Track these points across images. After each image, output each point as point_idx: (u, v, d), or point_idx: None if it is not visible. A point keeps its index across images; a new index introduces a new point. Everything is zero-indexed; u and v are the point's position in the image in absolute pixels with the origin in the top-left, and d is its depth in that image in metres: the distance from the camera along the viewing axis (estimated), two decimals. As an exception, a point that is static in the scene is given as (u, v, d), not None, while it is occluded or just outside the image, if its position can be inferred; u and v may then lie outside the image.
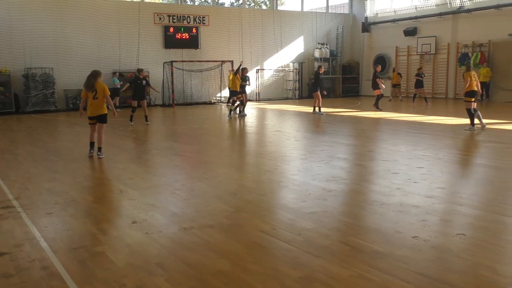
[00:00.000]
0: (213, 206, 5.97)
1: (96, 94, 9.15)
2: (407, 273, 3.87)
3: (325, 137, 12.21)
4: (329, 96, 28.14)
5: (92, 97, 9.17)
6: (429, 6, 25.37)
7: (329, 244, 4.56)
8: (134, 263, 4.21)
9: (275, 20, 26.99)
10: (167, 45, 24.01)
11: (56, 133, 14.11)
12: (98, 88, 9.17)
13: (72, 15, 21.56)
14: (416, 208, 5.63)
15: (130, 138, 12.78)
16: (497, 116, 15.89)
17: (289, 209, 5.80)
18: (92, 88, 9.14)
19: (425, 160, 8.59)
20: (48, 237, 4.90)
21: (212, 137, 13.04)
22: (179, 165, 9.04)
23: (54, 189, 6.96)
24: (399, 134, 12.45)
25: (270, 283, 3.78)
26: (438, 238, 4.67)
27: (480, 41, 22.93)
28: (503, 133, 11.99)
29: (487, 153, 9.67)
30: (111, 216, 5.80)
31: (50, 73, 20.72)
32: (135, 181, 7.42)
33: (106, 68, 22.18)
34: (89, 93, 9.18)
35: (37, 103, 20.28)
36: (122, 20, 22.81)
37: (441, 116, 16.15)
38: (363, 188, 6.98)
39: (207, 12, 25.12)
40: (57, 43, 21.28)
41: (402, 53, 26.94)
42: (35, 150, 10.70)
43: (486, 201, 6.13)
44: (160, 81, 23.47)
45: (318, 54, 27.59)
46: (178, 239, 4.79)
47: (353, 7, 29.81)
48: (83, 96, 9.47)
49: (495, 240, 4.60)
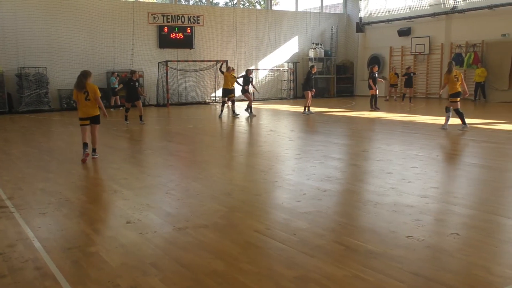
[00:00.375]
0: (208, 206, 5.97)
1: (88, 96, 8.97)
2: (401, 272, 3.88)
3: (319, 137, 12.22)
4: (323, 96, 28.26)
5: (84, 99, 8.97)
6: (423, 6, 25.46)
7: (323, 244, 4.57)
8: (128, 263, 4.20)
9: (270, 20, 27.00)
10: (162, 45, 23.96)
11: (50, 133, 14.04)
12: (89, 89, 8.98)
13: (65, 15, 21.46)
14: (410, 208, 5.65)
15: (124, 138, 12.74)
16: (490, 116, 15.96)
17: (283, 209, 5.80)
18: (84, 89, 8.94)
19: (419, 160, 8.62)
20: (42, 237, 4.87)
21: (207, 137, 13.03)
22: (173, 165, 9.02)
23: (48, 189, 6.93)
24: (393, 134, 12.48)
25: (264, 283, 3.78)
26: (432, 238, 4.69)
27: (474, 41, 23.04)
28: (496, 133, 12.05)
29: (480, 153, 9.72)
30: (105, 216, 5.78)
31: (44, 73, 20.61)
32: (130, 181, 7.40)
33: (100, 68, 22.14)
34: (80, 94, 8.96)
35: (30, 103, 20.17)
36: (116, 20, 22.74)
37: (435, 116, 16.19)
38: (357, 188, 6.99)
39: (202, 12, 25.08)
40: (51, 43, 21.18)
41: (396, 53, 27.03)
42: (29, 150, 10.65)
43: (480, 200, 6.16)
44: (155, 81, 23.44)
45: (313, 54, 27.62)
46: (173, 239, 4.78)
47: (347, 7, 29.86)
48: (75, 98, 9.18)
49: (489, 240, 4.62)
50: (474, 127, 13.09)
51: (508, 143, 10.55)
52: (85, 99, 8.98)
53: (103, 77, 22.35)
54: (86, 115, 9.09)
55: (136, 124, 14.88)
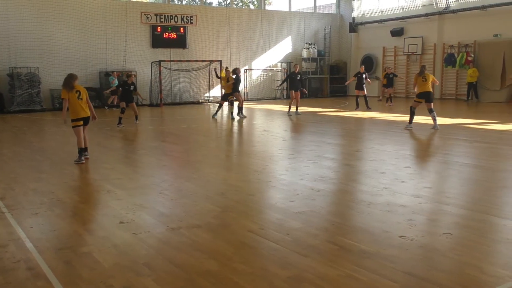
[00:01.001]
0: (201, 206, 5.95)
1: (80, 95, 8.80)
2: (394, 272, 3.89)
3: (313, 137, 12.23)
4: (316, 96, 28.31)
5: (76, 98, 8.75)
6: (415, 6, 25.57)
7: (317, 244, 4.57)
8: (121, 263, 4.18)
9: (263, 20, 27.00)
10: (155, 44, 23.90)
11: (42, 133, 13.97)
12: (80, 89, 8.85)
13: (58, 14, 21.35)
14: (403, 207, 5.66)
15: (117, 138, 12.69)
16: (482, 116, 16.05)
17: (277, 209, 5.80)
18: (73, 88, 8.73)
19: (412, 160, 8.64)
20: (34, 238, 4.84)
21: (201, 137, 13.00)
22: (167, 165, 8.99)
23: (40, 189, 6.89)
24: (386, 134, 12.53)
25: (258, 283, 3.77)
26: (425, 238, 4.71)
27: (466, 41, 23.17)
28: (488, 133, 12.12)
29: (473, 153, 9.77)
30: (98, 217, 5.75)
31: (36, 72, 20.50)
32: (123, 181, 7.37)
33: (93, 67, 22.06)
34: (71, 93, 8.73)
35: (22, 103, 20.05)
36: (109, 19, 22.65)
37: (428, 116, 16.24)
38: (351, 188, 7.01)
39: (195, 12, 25.04)
40: (43, 42, 21.05)
41: (389, 53, 27.12)
42: (21, 150, 10.58)
43: (472, 200, 6.19)
44: (148, 80, 23.37)
45: (306, 54, 27.66)
46: (166, 239, 4.77)
47: (341, 7, 29.93)
48: (64, 97, 8.81)
49: (481, 240, 4.64)
50: (467, 127, 13.17)
51: (500, 143, 10.61)
52: (78, 98, 8.78)
53: (95, 77, 22.28)
54: (79, 116, 8.85)
55: (130, 124, 14.83)
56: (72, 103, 8.80)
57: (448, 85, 24.54)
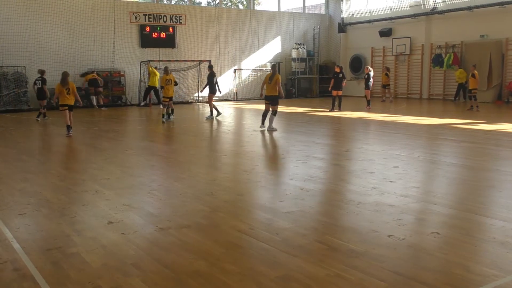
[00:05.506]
0: (190, 206, 5.94)
1: (69, 91, 12.16)
2: (382, 271, 3.91)
3: (302, 137, 12.26)
4: (306, 96, 28.37)
5: (66, 93, 12.13)
6: (403, 7, 25.72)
7: (306, 244, 4.58)
8: (109, 264, 4.16)
9: (252, 20, 26.99)
10: (143, 44, 23.78)
11: (29, 133, 13.84)
12: (70, 86, 12.20)
13: (45, 13, 21.14)
14: (391, 207, 5.70)
15: (105, 137, 12.61)
16: (469, 116, 16.19)
17: (266, 208, 5.81)
18: (67, 85, 12.12)
19: (401, 160, 8.71)
20: (21, 238, 4.80)
21: (190, 136, 12.96)
22: (156, 165, 8.96)
23: (27, 190, 6.83)
24: (375, 134, 12.59)
25: (247, 283, 3.77)
26: (413, 237, 4.74)
27: (453, 42, 23.36)
28: (475, 133, 12.23)
29: (460, 152, 9.85)
30: (86, 217, 5.71)
31: (23, 72, 20.30)
32: (111, 181, 7.33)
33: (81, 67, 21.88)
34: (63, 89, 12.08)
35: (9, 102, 19.86)
36: (97, 19, 22.47)
37: (416, 116, 16.38)
38: (339, 188, 7.04)
39: (184, 12, 24.95)
40: (30, 42, 20.82)
41: (377, 53, 27.25)
42: (7, 150, 10.47)
43: (459, 200, 6.24)
44: (137, 80, 23.26)
45: (295, 54, 27.70)
46: (155, 240, 4.75)
47: (329, 7, 30.01)
48: (58, 90, 12.19)
49: (467, 239, 4.69)
50: (454, 127, 13.28)
51: (487, 143, 10.72)
52: (67, 93, 12.13)
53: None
54: (66, 103, 12.20)
55: (119, 123, 14.72)
56: (62, 96, 12.21)
57: (435, 85, 24.72)
